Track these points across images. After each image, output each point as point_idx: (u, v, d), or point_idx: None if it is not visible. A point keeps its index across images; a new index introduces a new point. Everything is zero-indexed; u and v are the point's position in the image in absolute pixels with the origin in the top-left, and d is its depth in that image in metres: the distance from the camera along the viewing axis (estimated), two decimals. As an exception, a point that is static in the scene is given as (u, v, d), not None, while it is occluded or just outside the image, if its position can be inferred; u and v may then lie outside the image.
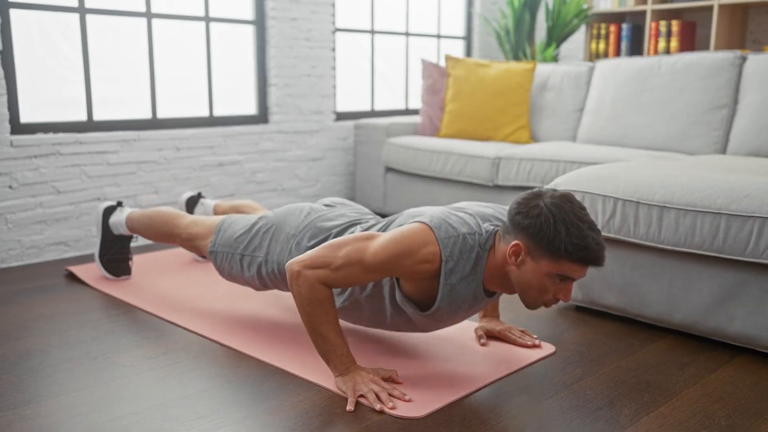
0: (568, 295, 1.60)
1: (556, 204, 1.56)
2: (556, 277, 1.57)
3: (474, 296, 1.71)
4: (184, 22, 3.41)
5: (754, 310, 1.93)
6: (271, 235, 2.05)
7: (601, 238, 1.56)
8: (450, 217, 1.67)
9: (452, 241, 1.63)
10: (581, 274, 1.58)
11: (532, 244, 1.57)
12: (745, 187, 1.94)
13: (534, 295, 1.62)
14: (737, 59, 3.12)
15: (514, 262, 1.60)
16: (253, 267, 2.07)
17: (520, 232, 1.58)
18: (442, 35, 4.80)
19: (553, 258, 1.55)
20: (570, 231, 1.53)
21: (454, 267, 1.64)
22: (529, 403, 1.68)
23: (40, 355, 1.94)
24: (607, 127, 3.45)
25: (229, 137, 3.54)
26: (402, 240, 1.62)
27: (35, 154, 2.91)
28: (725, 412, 1.63)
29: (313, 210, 2.05)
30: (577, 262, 1.54)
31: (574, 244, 1.52)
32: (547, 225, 1.54)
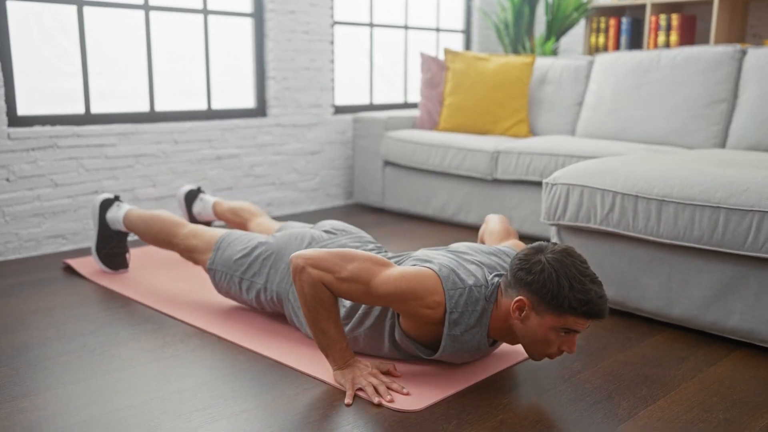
0: (572, 346, 1.61)
1: (558, 259, 1.56)
2: (561, 331, 1.58)
3: (478, 347, 1.72)
4: (182, 15, 3.39)
5: (753, 304, 1.93)
6: (271, 263, 2.04)
7: (603, 290, 1.57)
8: (459, 269, 1.68)
9: (458, 293, 1.64)
10: (584, 327, 1.58)
11: (536, 300, 1.57)
12: (744, 181, 1.94)
13: (539, 348, 1.62)
14: (737, 53, 3.12)
15: (518, 317, 1.61)
16: (252, 292, 2.08)
17: (523, 287, 1.59)
18: (441, 29, 4.79)
19: (557, 313, 1.55)
20: (573, 286, 1.53)
21: (459, 318, 1.65)
22: (527, 396, 1.68)
23: (37, 348, 1.94)
24: (606, 120, 3.44)
25: (228, 130, 3.53)
26: (412, 280, 1.63)
27: (33, 146, 2.90)
28: (723, 406, 1.63)
29: (314, 239, 2.05)
30: (581, 316, 1.55)
31: (578, 299, 1.53)
32: (550, 281, 1.54)
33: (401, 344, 1.77)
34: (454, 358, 1.75)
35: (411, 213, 3.78)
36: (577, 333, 1.59)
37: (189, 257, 2.25)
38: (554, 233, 2.36)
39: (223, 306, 2.28)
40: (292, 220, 3.67)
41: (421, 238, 3.29)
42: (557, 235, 2.34)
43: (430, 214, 3.66)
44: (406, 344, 1.76)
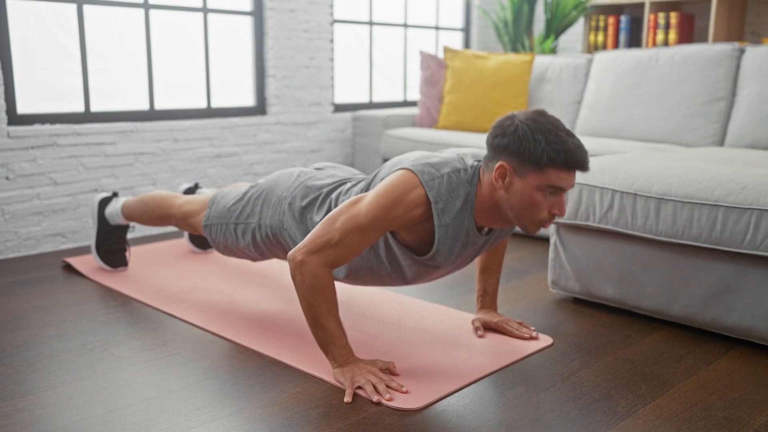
0: (562, 208, 1.61)
1: (531, 118, 1.58)
2: (546, 190, 1.59)
3: (467, 233, 1.71)
4: (181, 13, 3.39)
5: (752, 302, 1.93)
6: (263, 200, 2.05)
7: (581, 142, 1.58)
8: (431, 159, 1.68)
9: (437, 182, 1.64)
10: (569, 183, 1.59)
11: (515, 161, 1.58)
12: (742, 179, 1.94)
13: (529, 215, 1.62)
14: (735, 51, 3.12)
15: (501, 185, 1.61)
16: (248, 234, 2.07)
17: (502, 153, 1.60)
18: (441, 27, 4.79)
19: (538, 169, 1.56)
20: (549, 138, 1.55)
21: (445, 206, 1.64)
22: (526, 394, 1.68)
23: (36, 347, 1.94)
24: (605, 119, 3.44)
25: (227, 129, 3.54)
26: (388, 191, 1.63)
27: (32, 145, 2.90)
28: (722, 404, 1.64)
29: (303, 172, 2.06)
30: (562, 167, 1.56)
31: (556, 150, 1.54)
32: (525, 138, 1.56)
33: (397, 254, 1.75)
34: (449, 253, 1.72)
35: (410, 211, 3.77)
36: (563, 192, 1.60)
37: (187, 225, 2.27)
38: (553, 231, 2.36)
39: (222, 305, 2.28)
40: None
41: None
42: (556, 233, 2.34)
43: (429, 213, 3.66)
44: (402, 252, 1.74)
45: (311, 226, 1.92)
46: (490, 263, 2.07)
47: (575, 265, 2.29)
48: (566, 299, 2.40)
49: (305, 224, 1.94)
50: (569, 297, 2.42)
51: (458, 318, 2.17)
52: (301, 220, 1.95)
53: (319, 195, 1.95)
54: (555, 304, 2.34)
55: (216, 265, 2.74)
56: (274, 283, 2.52)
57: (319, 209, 1.92)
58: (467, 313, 2.21)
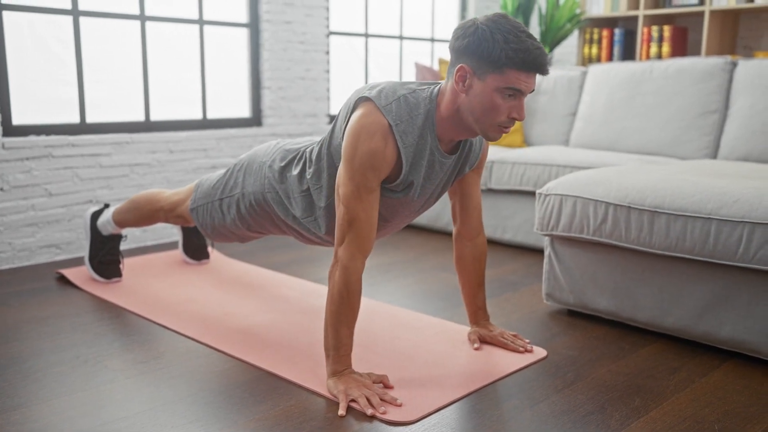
0: (521, 111, 1.63)
1: (491, 19, 1.60)
2: (505, 92, 1.60)
3: (431, 151, 1.72)
4: (177, 25, 3.40)
5: (744, 315, 1.94)
6: (245, 171, 2.09)
7: (541, 45, 1.60)
8: (386, 86, 1.70)
9: (395, 105, 1.66)
10: (528, 86, 1.60)
11: (475, 62, 1.60)
12: (735, 193, 1.95)
13: (489, 118, 1.64)
14: (728, 65, 3.14)
15: (462, 88, 1.63)
16: (233, 207, 2.10)
17: (462, 54, 1.62)
18: (436, 39, 4.81)
19: (497, 69, 1.58)
20: (508, 38, 1.56)
21: (406, 128, 1.66)
22: (520, 407, 1.68)
23: (30, 359, 1.94)
24: (599, 131, 3.46)
25: (223, 140, 3.54)
26: (354, 143, 1.65)
27: (27, 156, 2.90)
28: (715, 417, 1.64)
29: (282, 140, 2.10)
30: (520, 68, 1.57)
31: (514, 49, 1.56)
32: (485, 38, 1.57)
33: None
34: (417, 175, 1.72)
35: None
36: (522, 95, 1.62)
37: (176, 216, 2.32)
38: (548, 243, 2.37)
39: (216, 317, 2.28)
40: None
41: (415, 246, 3.30)
42: (550, 245, 2.35)
43: (424, 224, 3.67)
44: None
45: (291, 182, 1.95)
46: (476, 277, 2.06)
47: (569, 277, 2.30)
48: (560, 311, 2.40)
49: (285, 184, 1.97)
50: (563, 309, 2.42)
51: (452, 330, 2.17)
52: (281, 180, 1.98)
53: (297, 154, 1.98)
54: (549, 316, 2.35)
55: (210, 277, 2.73)
56: (269, 295, 2.52)
57: (296, 164, 1.95)
58: (461, 326, 2.22)
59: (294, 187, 1.93)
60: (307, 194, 1.91)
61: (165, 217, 2.36)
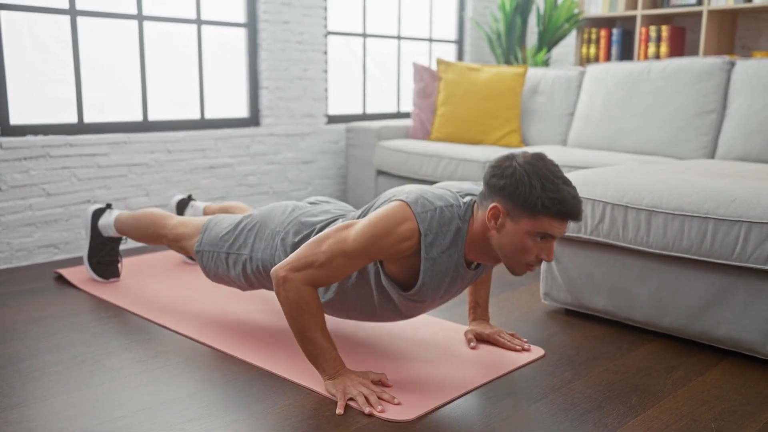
0: (550, 254, 1.61)
1: (530, 162, 1.58)
2: (537, 236, 1.59)
3: (456, 268, 1.71)
4: (175, 25, 3.41)
5: (741, 314, 1.94)
6: (256, 233, 2.05)
7: (576, 192, 1.59)
8: (426, 193, 1.68)
9: (429, 215, 1.64)
10: (561, 231, 1.59)
11: (509, 204, 1.58)
12: (732, 192, 1.96)
13: (517, 257, 1.62)
14: (726, 65, 3.15)
15: (494, 225, 1.62)
16: (239, 265, 2.07)
17: (497, 194, 1.60)
18: (434, 39, 4.82)
19: (531, 215, 1.56)
20: (545, 186, 1.55)
21: (434, 240, 1.64)
22: (518, 406, 1.68)
23: (28, 358, 1.94)
24: (597, 131, 3.47)
25: (221, 140, 3.54)
26: (380, 221, 1.63)
27: (25, 156, 2.90)
28: (712, 415, 1.65)
29: (297, 207, 2.06)
30: (555, 216, 1.56)
31: (551, 198, 1.54)
32: (522, 183, 1.56)
33: (387, 288, 1.76)
34: (436, 288, 1.72)
35: (403, 222, 3.78)
36: (553, 239, 1.60)
37: (179, 247, 2.26)
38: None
39: (214, 316, 2.28)
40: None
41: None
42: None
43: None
44: (390, 288, 1.74)
45: None
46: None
47: (567, 276, 2.30)
48: (558, 311, 2.41)
49: None
50: (561, 308, 2.43)
51: (450, 329, 2.17)
52: None
53: (312, 231, 1.94)
54: (547, 316, 2.35)
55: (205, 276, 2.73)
56: (267, 295, 2.52)
57: None
58: (460, 325, 2.22)
59: None
60: None
61: (168, 244, 2.30)
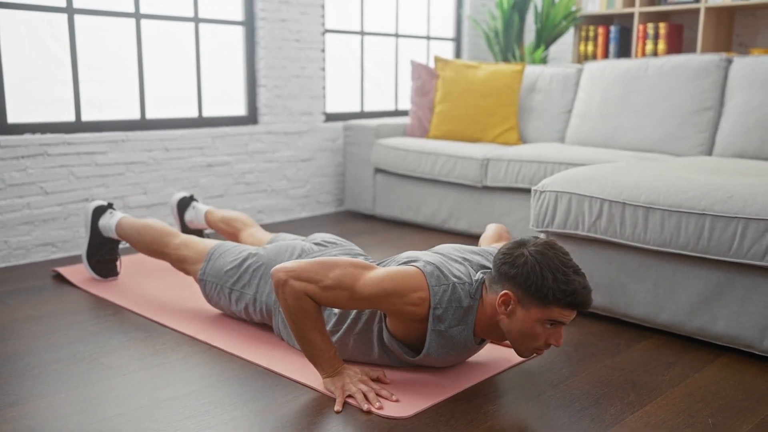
0: (559, 339, 1.63)
1: (541, 252, 1.59)
2: (547, 323, 1.60)
3: (465, 344, 1.73)
4: (173, 23, 3.40)
5: (738, 310, 1.95)
6: (261, 275, 2.05)
7: (586, 281, 1.60)
8: (443, 266, 1.69)
9: (442, 289, 1.65)
10: (570, 318, 1.60)
11: (520, 293, 1.59)
12: (729, 189, 1.96)
13: (527, 343, 1.64)
14: (723, 62, 3.15)
15: (504, 311, 1.62)
16: (241, 303, 2.08)
17: (508, 281, 1.61)
18: (432, 37, 4.82)
19: (542, 305, 1.57)
20: (557, 277, 1.56)
21: (443, 314, 1.66)
22: (516, 402, 1.69)
23: (26, 357, 1.94)
24: (594, 128, 3.47)
25: (218, 138, 3.54)
26: (396, 279, 1.64)
27: (23, 154, 2.90)
28: (709, 411, 1.65)
29: (304, 251, 2.06)
30: (566, 307, 1.57)
31: (562, 290, 1.55)
32: (533, 273, 1.56)
33: (389, 347, 1.78)
34: (441, 359, 1.75)
35: (402, 220, 3.79)
36: (563, 325, 1.61)
37: (180, 267, 2.25)
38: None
39: (213, 314, 2.28)
40: (283, 227, 3.68)
41: (412, 245, 3.30)
42: (546, 242, 2.36)
43: (420, 222, 3.67)
44: (393, 347, 1.76)
45: None
46: None
47: (565, 273, 2.31)
48: (556, 308, 2.41)
49: None
50: (559, 305, 2.43)
51: (448, 326, 2.18)
52: None
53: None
54: (545, 313, 2.35)
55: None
56: (265, 292, 2.52)
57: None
58: (457, 322, 2.22)
59: None
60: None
61: (170, 262, 2.29)
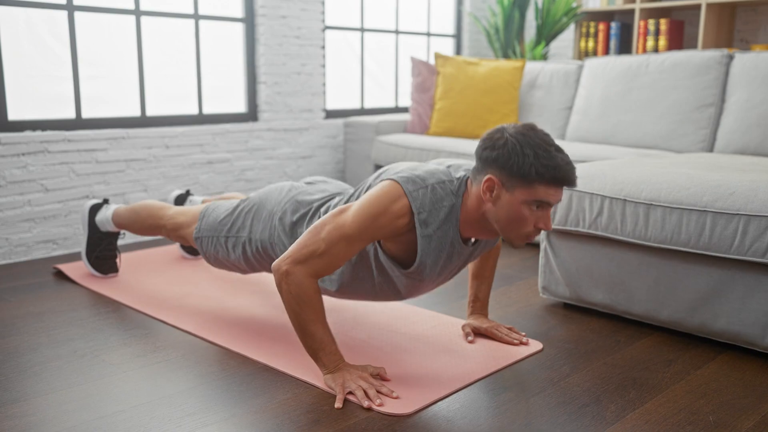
0: (548, 222, 1.62)
1: (521, 132, 1.59)
2: (533, 205, 1.60)
3: (452, 244, 1.72)
4: (173, 20, 3.40)
5: (739, 307, 1.95)
6: (254, 214, 2.06)
7: (569, 158, 1.60)
8: (417, 170, 1.69)
9: (421, 193, 1.64)
10: (557, 198, 1.60)
11: (504, 175, 1.59)
12: (730, 185, 1.96)
13: (515, 228, 1.63)
14: (724, 58, 3.14)
15: (489, 198, 1.62)
16: (238, 248, 2.08)
17: (490, 166, 1.61)
18: (432, 33, 4.81)
19: (526, 184, 1.57)
20: (538, 153, 1.56)
21: (428, 218, 1.65)
22: (516, 400, 1.69)
23: (27, 353, 1.94)
24: (595, 125, 3.47)
25: (219, 135, 3.54)
26: (373, 201, 1.64)
27: (23, 151, 2.89)
28: (710, 408, 1.65)
29: (294, 187, 2.08)
30: (550, 183, 1.57)
31: (545, 165, 1.55)
32: (514, 152, 1.57)
33: (386, 266, 1.76)
34: (434, 265, 1.73)
35: (402, 217, 3.78)
36: (549, 206, 1.61)
37: (177, 236, 2.27)
38: (543, 237, 2.37)
39: (213, 311, 2.28)
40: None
41: (412, 242, 3.30)
42: (546, 238, 2.35)
43: (421, 218, 3.67)
44: (389, 265, 1.75)
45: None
46: (483, 270, 2.08)
47: (565, 270, 2.31)
48: (556, 305, 2.41)
49: (295, 238, 1.95)
50: (559, 302, 2.43)
51: (449, 324, 2.18)
52: (291, 234, 1.96)
53: (309, 209, 1.95)
54: (545, 310, 2.35)
55: (207, 272, 2.74)
56: (265, 290, 2.52)
57: (308, 224, 1.93)
58: (458, 319, 2.22)
59: None
60: None
61: (166, 234, 2.30)
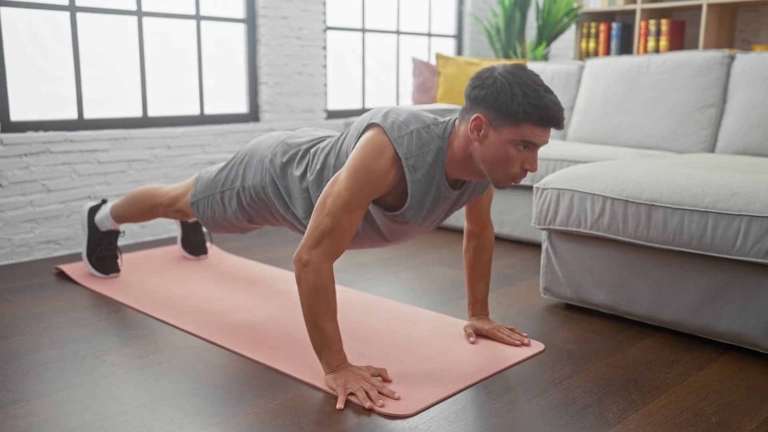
0: (534, 163, 1.62)
1: (510, 71, 1.59)
2: (520, 144, 1.60)
3: (437, 187, 1.72)
4: (174, 21, 3.40)
5: (741, 308, 1.95)
6: (245, 164, 2.09)
7: (558, 100, 1.59)
8: (401, 115, 1.69)
9: (406, 139, 1.65)
10: (543, 139, 1.60)
11: (491, 114, 1.59)
12: (732, 186, 1.96)
13: (501, 168, 1.63)
14: (725, 58, 3.14)
15: (476, 137, 1.62)
16: (233, 200, 2.11)
17: (479, 104, 1.61)
18: (433, 33, 4.81)
19: (513, 123, 1.57)
20: (527, 92, 1.56)
21: (416, 163, 1.65)
22: (518, 401, 1.69)
23: (29, 354, 1.94)
24: (596, 125, 3.46)
25: (220, 136, 3.54)
26: (361, 159, 1.64)
27: (25, 152, 2.90)
28: (713, 409, 1.65)
29: (284, 133, 2.10)
30: (537, 123, 1.57)
31: (533, 105, 1.55)
32: (503, 91, 1.56)
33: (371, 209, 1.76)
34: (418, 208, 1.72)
35: (403, 217, 3.78)
36: (536, 147, 1.61)
37: (175, 210, 2.32)
38: (545, 237, 2.37)
39: (214, 311, 2.28)
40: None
41: (413, 241, 3.30)
42: (548, 239, 2.35)
43: (422, 219, 3.67)
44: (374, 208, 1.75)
45: (292, 180, 1.95)
46: (477, 269, 2.08)
47: (567, 271, 2.31)
48: (558, 305, 2.41)
49: (286, 179, 1.97)
50: (561, 303, 2.43)
51: (450, 324, 2.18)
52: (282, 175, 1.98)
53: (299, 150, 1.98)
54: (547, 311, 2.35)
55: (208, 272, 2.74)
56: (267, 290, 2.52)
57: (299, 164, 1.95)
58: (459, 320, 2.22)
59: (295, 186, 1.94)
60: (308, 196, 1.91)
61: (164, 212, 2.35)
